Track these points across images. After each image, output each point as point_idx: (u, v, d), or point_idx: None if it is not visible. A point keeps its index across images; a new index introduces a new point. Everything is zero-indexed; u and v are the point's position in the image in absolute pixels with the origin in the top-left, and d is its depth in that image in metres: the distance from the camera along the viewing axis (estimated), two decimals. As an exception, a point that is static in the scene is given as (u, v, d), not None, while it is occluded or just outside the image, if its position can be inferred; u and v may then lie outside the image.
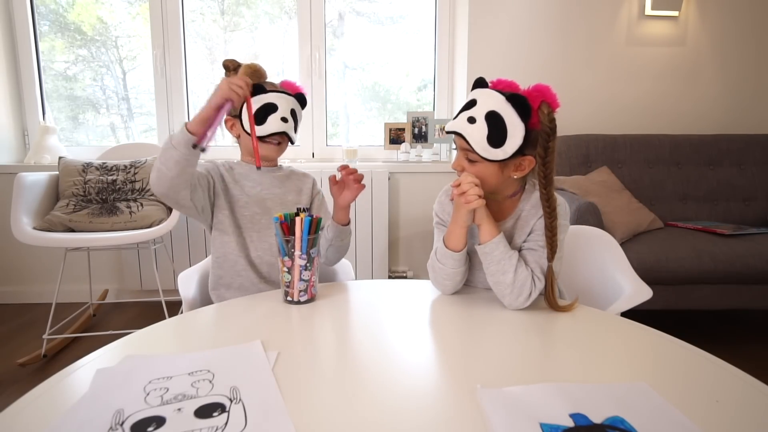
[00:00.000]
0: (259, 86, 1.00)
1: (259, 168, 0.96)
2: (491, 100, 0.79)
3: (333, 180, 0.99)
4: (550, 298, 0.82)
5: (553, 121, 0.78)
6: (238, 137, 1.07)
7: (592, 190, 1.90)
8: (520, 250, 0.87)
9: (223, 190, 1.05)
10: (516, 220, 0.89)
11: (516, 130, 0.78)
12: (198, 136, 0.85)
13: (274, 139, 1.04)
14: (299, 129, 1.10)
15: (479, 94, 0.82)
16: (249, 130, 0.97)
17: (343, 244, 1.06)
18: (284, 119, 1.01)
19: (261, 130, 0.99)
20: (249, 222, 1.05)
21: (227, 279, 1.04)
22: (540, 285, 0.82)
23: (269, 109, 1.00)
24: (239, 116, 1.02)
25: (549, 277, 0.82)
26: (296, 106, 1.06)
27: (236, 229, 1.04)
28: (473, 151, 0.80)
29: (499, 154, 0.79)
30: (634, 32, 2.27)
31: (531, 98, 0.78)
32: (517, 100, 0.78)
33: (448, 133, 0.85)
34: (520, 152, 0.79)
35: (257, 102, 1.00)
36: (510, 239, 0.88)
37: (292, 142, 1.07)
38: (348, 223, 1.04)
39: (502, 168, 0.83)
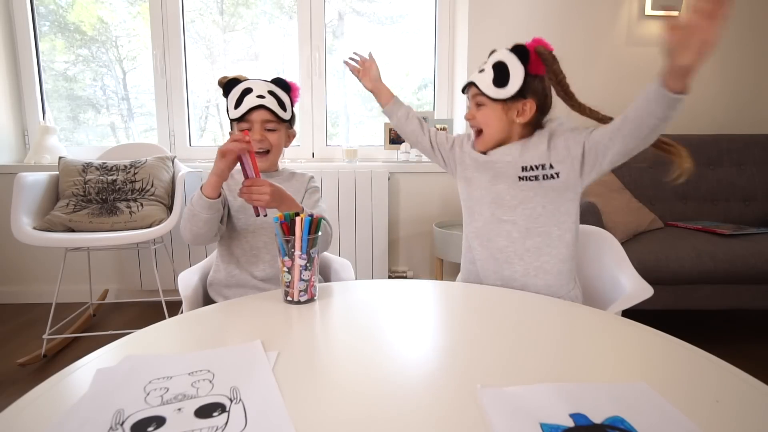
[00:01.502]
0: (233, 80, 1.03)
1: (258, 216, 0.96)
2: (498, 54, 0.96)
3: None
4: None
5: (550, 52, 0.95)
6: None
7: (592, 190, 1.90)
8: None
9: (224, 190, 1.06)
10: (523, 143, 0.97)
11: (517, 72, 0.93)
12: (215, 197, 0.93)
13: (256, 121, 1.01)
14: (293, 114, 1.09)
15: (491, 56, 0.98)
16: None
17: None
18: (260, 96, 1.01)
19: (238, 111, 1.00)
20: (243, 225, 1.05)
21: (225, 280, 1.05)
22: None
23: (244, 92, 1.01)
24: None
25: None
26: (275, 88, 1.05)
27: (232, 233, 1.05)
28: (481, 93, 0.95)
29: (502, 93, 0.93)
30: (634, 32, 2.27)
31: (528, 46, 0.94)
32: (516, 47, 0.94)
33: (463, 90, 1.01)
34: (522, 95, 0.94)
35: (234, 93, 1.01)
36: (518, 155, 0.96)
37: (283, 120, 1.05)
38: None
39: (506, 111, 0.95)
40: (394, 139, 2.41)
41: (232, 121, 1.05)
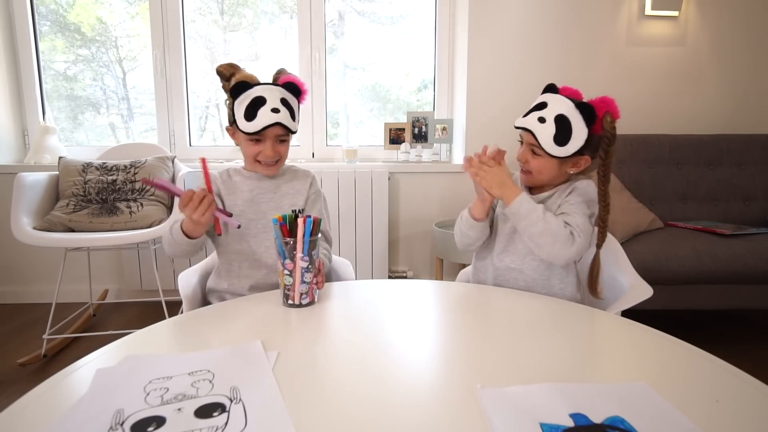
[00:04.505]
0: (243, 83, 0.98)
1: (219, 234, 0.98)
2: (562, 105, 0.90)
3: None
4: (593, 283, 0.93)
5: (614, 129, 0.91)
6: (238, 144, 1.05)
7: (592, 190, 1.90)
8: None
9: (221, 204, 1.04)
10: (543, 200, 0.97)
11: (579, 134, 0.90)
12: (196, 236, 0.94)
13: (269, 137, 0.99)
14: (299, 120, 1.05)
15: (550, 98, 0.93)
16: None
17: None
18: (275, 110, 0.96)
19: (252, 126, 0.96)
20: (245, 228, 1.03)
21: (225, 285, 1.03)
22: (580, 240, 0.88)
23: (257, 103, 0.96)
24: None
25: (596, 264, 0.93)
26: (287, 95, 1.00)
27: (234, 236, 1.03)
28: (540, 146, 0.91)
29: (562, 152, 0.90)
30: (634, 32, 2.27)
31: (597, 108, 0.90)
32: (586, 108, 0.89)
33: (517, 128, 0.96)
34: (579, 152, 0.91)
35: (244, 99, 0.96)
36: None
37: (292, 132, 1.01)
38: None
39: (561, 164, 0.93)
40: (394, 139, 2.41)
41: (240, 130, 0.99)
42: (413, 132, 2.40)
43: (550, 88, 0.96)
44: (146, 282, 2.24)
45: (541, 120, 0.91)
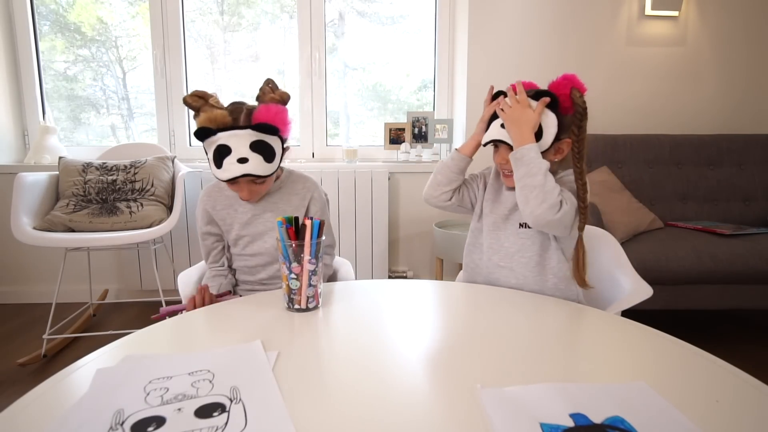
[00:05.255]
0: (205, 130, 0.90)
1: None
2: None
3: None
4: (579, 268, 0.89)
5: (584, 102, 0.88)
6: None
7: (592, 190, 1.88)
8: None
9: (219, 225, 1.06)
10: None
11: (549, 122, 0.87)
12: None
13: (242, 182, 0.95)
14: (281, 157, 0.96)
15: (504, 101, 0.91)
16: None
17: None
18: (242, 160, 0.89)
19: (221, 174, 0.91)
20: (240, 251, 1.06)
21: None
22: (567, 207, 0.85)
23: (222, 152, 0.90)
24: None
25: (580, 249, 0.90)
26: (260, 136, 0.91)
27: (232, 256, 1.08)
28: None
29: (542, 145, 0.88)
30: (634, 32, 2.27)
31: (560, 87, 0.87)
32: (543, 95, 0.87)
33: (485, 144, 0.94)
34: (557, 138, 0.88)
35: (210, 144, 0.91)
36: None
37: (269, 175, 0.95)
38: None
39: (544, 156, 0.88)
40: (394, 139, 2.41)
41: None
42: (413, 132, 2.40)
43: (500, 95, 0.94)
44: (146, 282, 2.24)
45: (504, 125, 0.90)
